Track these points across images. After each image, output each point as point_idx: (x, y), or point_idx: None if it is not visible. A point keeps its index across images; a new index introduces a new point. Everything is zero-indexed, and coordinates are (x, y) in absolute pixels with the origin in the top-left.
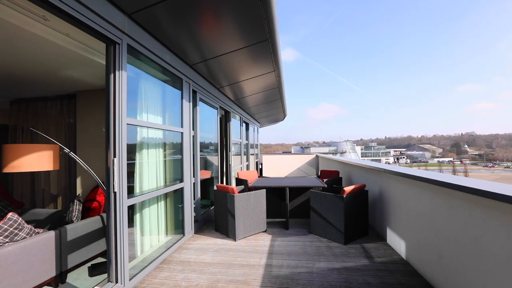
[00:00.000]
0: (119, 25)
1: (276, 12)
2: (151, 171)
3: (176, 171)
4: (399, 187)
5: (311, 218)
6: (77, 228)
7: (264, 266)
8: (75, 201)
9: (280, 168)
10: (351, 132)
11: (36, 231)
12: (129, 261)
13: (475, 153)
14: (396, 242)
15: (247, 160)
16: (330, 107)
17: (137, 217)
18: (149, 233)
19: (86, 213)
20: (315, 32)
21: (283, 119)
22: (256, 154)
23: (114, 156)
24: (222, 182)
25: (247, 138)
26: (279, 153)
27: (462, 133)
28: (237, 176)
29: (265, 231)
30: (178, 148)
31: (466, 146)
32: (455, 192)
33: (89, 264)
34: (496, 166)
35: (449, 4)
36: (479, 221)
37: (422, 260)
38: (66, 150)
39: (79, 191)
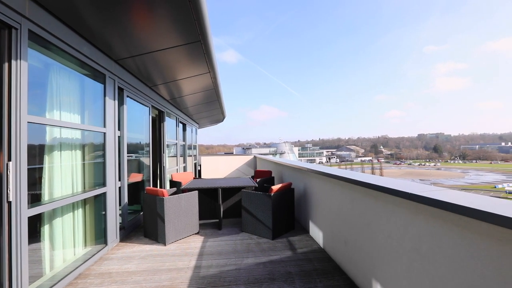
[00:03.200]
0: (16, 7)
1: (207, 16)
2: (65, 176)
3: (97, 175)
4: (318, 184)
5: (242, 217)
6: None
7: (193, 268)
8: None
9: (219, 169)
10: (289, 134)
11: None
12: (32, 281)
13: (388, 152)
14: (316, 233)
15: (184, 161)
16: (270, 110)
17: (45, 228)
18: (62, 246)
19: None
20: (258, 36)
21: (223, 120)
22: (194, 155)
23: (9, 160)
24: (155, 185)
25: (184, 139)
26: (220, 154)
27: (378, 136)
28: (171, 179)
29: (198, 232)
30: (100, 150)
31: (381, 147)
32: (355, 187)
33: None
34: (402, 163)
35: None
36: (370, 209)
37: (333, 247)
38: None
39: None
